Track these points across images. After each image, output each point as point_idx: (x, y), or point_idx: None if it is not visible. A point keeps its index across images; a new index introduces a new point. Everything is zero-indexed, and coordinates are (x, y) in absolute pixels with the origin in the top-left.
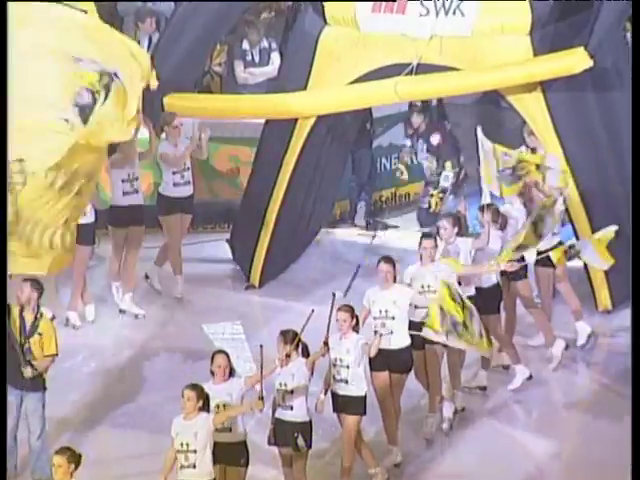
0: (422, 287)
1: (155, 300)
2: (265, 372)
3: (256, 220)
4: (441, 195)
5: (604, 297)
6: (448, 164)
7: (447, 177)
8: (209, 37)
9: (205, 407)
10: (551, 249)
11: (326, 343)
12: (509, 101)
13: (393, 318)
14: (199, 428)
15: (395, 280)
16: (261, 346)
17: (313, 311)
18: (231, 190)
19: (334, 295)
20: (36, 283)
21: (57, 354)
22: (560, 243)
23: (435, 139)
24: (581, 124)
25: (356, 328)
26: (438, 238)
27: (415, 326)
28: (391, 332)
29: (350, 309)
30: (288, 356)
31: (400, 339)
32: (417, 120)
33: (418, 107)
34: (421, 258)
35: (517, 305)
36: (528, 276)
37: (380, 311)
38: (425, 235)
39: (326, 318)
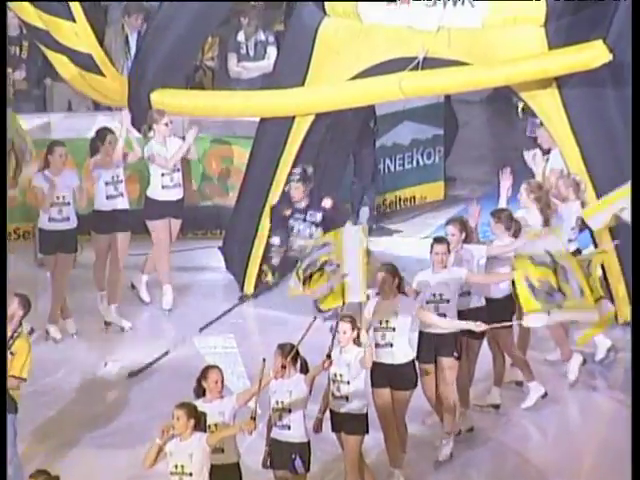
0: (433, 296)
1: (142, 312)
2: (256, 388)
3: (250, 226)
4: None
5: (624, 309)
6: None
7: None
8: (200, 29)
9: (200, 426)
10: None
11: (329, 356)
12: (522, 98)
13: (394, 329)
14: (194, 449)
15: (400, 289)
16: (264, 360)
17: (315, 319)
18: (223, 193)
19: (315, 319)
20: (25, 300)
21: (26, 379)
22: (578, 251)
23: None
24: (599, 122)
25: (357, 341)
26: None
27: (428, 338)
28: (391, 345)
29: (351, 320)
30: (284, 367)
31: (402, 353)
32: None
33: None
34: (433, 264)
35: None
36: None
37: (380, 322)
38: (437, 239)
39: (326, 331)
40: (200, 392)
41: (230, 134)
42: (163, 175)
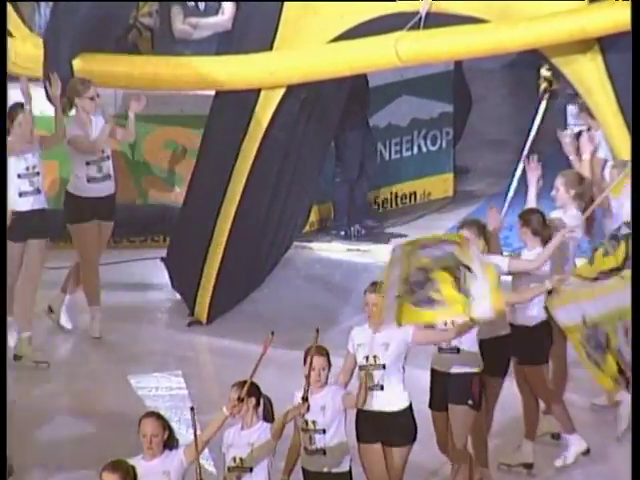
0: (444, 323)
1: (62, 342)
2: (210, 432)
3: (203, 231)
4: None
5: None
6: None
7: None
8: None
9: None
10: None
11: (306, 399)
12: (555, 65)
13: (384, 367)
14: None
15: None
16: (192, 408)
17: (273, 334)
18: (168, 189)
19: (317, 332)
20: None
21: None
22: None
23: None
24: None
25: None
26: None
27: (439, 378)
28: (381, 387)
29: (326, 353)
30: (241, 400)
31: (396, 397)
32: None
33: None
34: None
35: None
36: None
37: (366, 358)
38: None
39: (299, 364)
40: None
41: (176, 112)
42: (88, 164)
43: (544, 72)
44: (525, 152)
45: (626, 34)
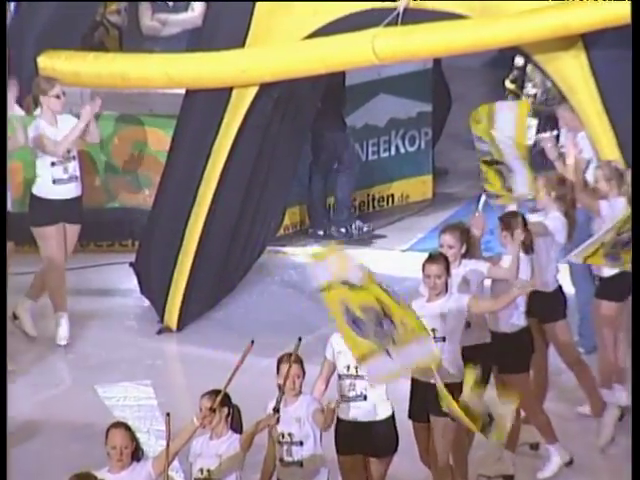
0: (347, 369)
1: (28, 349)
2: (179, 443)
3: (173, 235)
4: None
5: None
6: None
7: None
8: None
9: None
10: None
11: (277, 410)
12: (537, 63)
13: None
14: None
15: None
16: (168, 414)
17: (253, 343)
18: (136, 191)
19: (300, 340)
20: None
21: None
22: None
23: None
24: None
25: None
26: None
27: (420, 389)
28: (364, 397)
29: (299, 361)
30: (212, 410)
31: (379, 407)
32: None
33: None
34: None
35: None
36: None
37: (348, 367)
38: (431, 257)
39: (272, 373)
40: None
41: (144, 111)
42: (54, 165)
43: (508, 84)
44: None
45: (611, 31)
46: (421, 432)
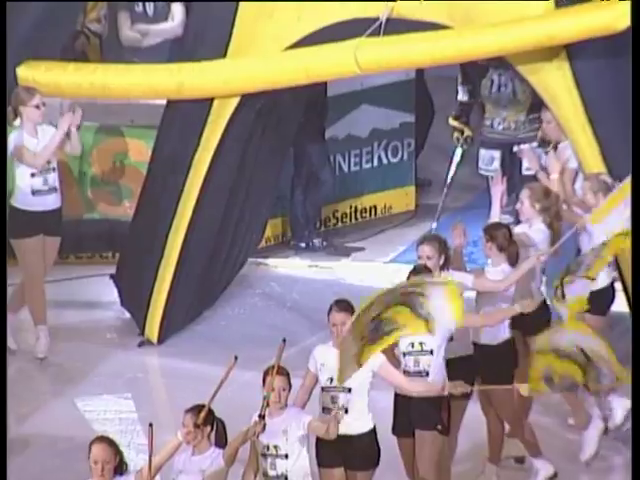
0: (412, 345)
1: (7, 363)
2: (162, 458)
3: (154, 247)
4: None
5: None
6: None
7: None
8: None
9: None
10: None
11: (262, 417)
12: (521, 73)
13: (349, 391)
14: None
15: None
16: (150, 425)
17: (236, 359)
18: (117, 202)
19: (284, 341)
20: None
21: None
22: None
23: None
24: (625, 106)
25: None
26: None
27: (404, 404)
28: (345, 410)
29: (286, 373)
30: (197, 427)
31: (359, 421)
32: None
33: None
34: None
35: None
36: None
37: (330, 380)
38: (416, 270)
39: (254, 385)
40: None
41: (125, 122)
42: (33, 176)
43: (452, 122)
44: (445, 191)
45: (595, 41)
46: (406, 447)
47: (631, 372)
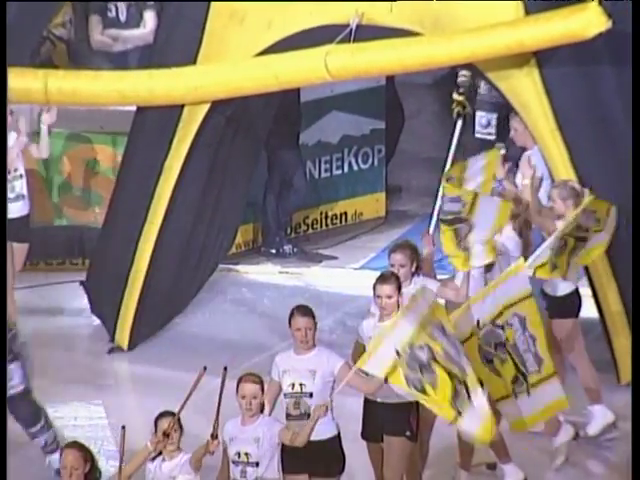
0: (292, 387)
1: None
2: (132, 467)
3: (124, 254)
4: None
5: (628, 366)
6: None
7: None
8: None
9: None
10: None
11: (215, 436)
12: (490, 79)
13: (311, 396)
14: None
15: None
16: (123, 427)
17: (205, 369)
18: (86, 208)
19: (225, 370)
20: None
21: None
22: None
23: None
24: (592, 112)
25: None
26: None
27: (374, 409)
28: (307, 416)
29: (259, 381)
30: (167, 435)
31: (323, 427)
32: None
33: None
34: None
35: None
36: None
37: (292, 385)
38: (383, 277)
39: (228, 393)
40: None
41: (94, 128)
42: None
43: (456, 96)
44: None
45: (564, 48)
46: (375, 452)
47: (631, 372)
